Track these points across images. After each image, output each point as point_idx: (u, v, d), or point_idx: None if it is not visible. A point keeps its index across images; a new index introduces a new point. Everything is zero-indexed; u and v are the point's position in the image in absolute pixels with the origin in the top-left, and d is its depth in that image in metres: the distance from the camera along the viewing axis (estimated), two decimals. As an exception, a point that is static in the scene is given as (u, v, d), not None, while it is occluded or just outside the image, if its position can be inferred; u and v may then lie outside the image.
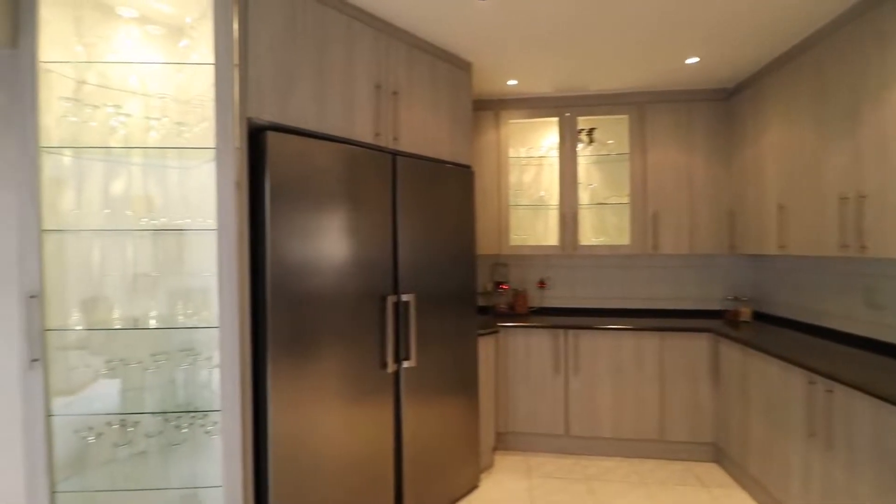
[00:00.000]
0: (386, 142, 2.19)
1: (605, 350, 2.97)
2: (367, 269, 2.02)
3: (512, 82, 3.10)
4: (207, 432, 1.78)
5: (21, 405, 1.62)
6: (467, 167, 2.61)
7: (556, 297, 3.56)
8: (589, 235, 3.45)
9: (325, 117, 1.96)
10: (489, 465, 2.84)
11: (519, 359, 3.05)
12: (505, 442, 3.09)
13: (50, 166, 1.65)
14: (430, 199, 2.30)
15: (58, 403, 1.63)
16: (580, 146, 3.34)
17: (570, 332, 3.00)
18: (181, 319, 1.86)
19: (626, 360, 2.95)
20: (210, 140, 1.72)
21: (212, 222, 1.80)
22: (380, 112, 2.17)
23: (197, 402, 1.82)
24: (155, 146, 1.83)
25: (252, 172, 1.75)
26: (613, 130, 3.43)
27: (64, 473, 1.68)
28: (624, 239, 3.33)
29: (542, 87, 3.19)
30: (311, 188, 1.84)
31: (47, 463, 1.60)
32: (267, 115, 1.76)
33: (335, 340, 1.90)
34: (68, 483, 1.67)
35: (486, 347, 2.80)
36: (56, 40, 1.68)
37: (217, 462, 1.78)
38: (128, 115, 1.86)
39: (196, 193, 1.97)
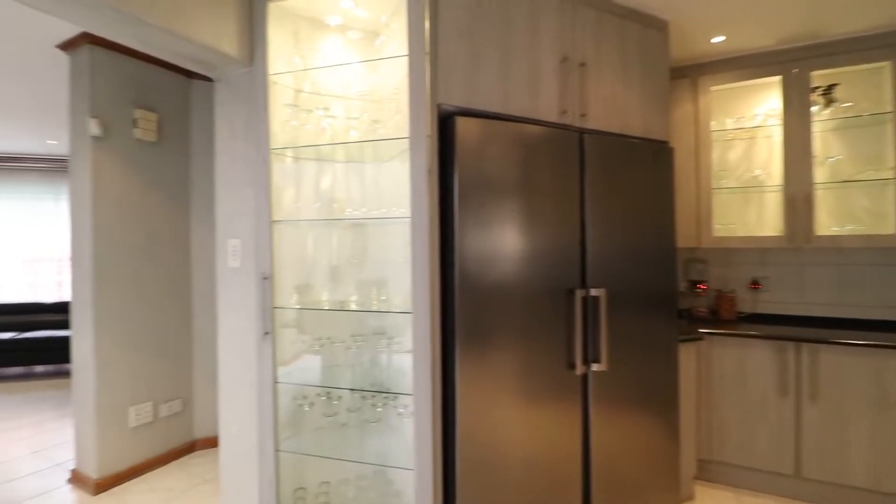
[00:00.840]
0: (572, 119, 1.99)
1: (860, 373, 2.25)
2: (553, 259, 1.85)
3: (718, 39, 2.57)
4: (399, 414, 1.84)
5: (256, 372, 1.89)
6: (664, 143, 2.24)
7: (776, 302, 2.86)
8: (828, 223, 2.68)
9: (510, 98, 1.85)
10: (689, 497, 2.40)
11: (729, 374, 2.52)
12: (708, 472, 2.59)
13: (276, 166, 1.88)
14: (622, 180, 2.02)
15: (280, 372, 1.86)
16: (814, 109, 2.61)
17: (805, 345, 2.35)
18: (375, 304, 1.96)
19: (893, 388, 2.19)
20: (403, 131, 1.76)
21: (403, 211, 1.84)
22: (566, 87, 1.97)
23: (389, 383, 1.89)
24: (355, 141, 1.96)
25: (440, 159, 1.73)
26: (864, 86, 2.60)
27: (284, 434, 1.90)
28: (886, 227, 2.49)
29: (761, 39, 2.58)
30: (495, 173, 1.75)
31: (274, 423, 1.82)
32: (455, 100, 1.73)
33: (519, 334, 1.78)
34: (286, 443, 1.89)
35: (686, 357, 2.37)
36: (279, 54, 1.91)
37: (406, 444, 1.82)
38: (333, 117, 2.03)
39: (388, 187, 2.06)
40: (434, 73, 1.68)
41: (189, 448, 2.97)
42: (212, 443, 3.05)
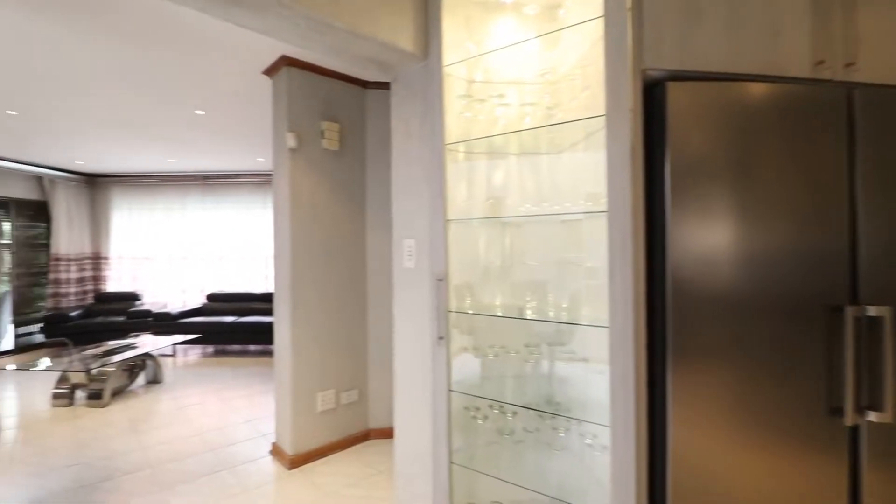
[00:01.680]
0: (833, 71, 1.45)
1: None
2: (807, 265, 1.36)
3: None
4: (589, 445, 1.57)
5: (430, 377, 1.81)
6: None
7: None
8: None
9: (739, 51, 1.42)
10: None
11: None
12: None
13: (449, 162, 1.78)
14: (918, 152, 1.40)
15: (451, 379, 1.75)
16: None
17: None
18: (552, 312, 1.72)
19: None
20: (590, 110, 1.49)
21: (589, 205, 1.57)
22: (823, 27, 1.45)
23: (573, 406, 1.63)
24: (534, 127, 1.75)
25: (645, 138, 1.41)
26: None
27: (456, 443, 1.79)
28: None
29: None
30: (720, 150, 1.35)
31: (447, 433, 1.72)
32: (665, 63, 1.38)
33: (755, 363, 1.35)
34: (459, 455, 1.78)
35: None
36: (452, 44, 1.80)
37: (594, 478, 1.54)
38: (507, 105, 1.86)
39: (567, 180, 1.81)
40: (638, 32, 1.37)
41: (364, 437, 3.16)
42: (384, 434, 3.18)
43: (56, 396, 4.04)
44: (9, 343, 6.18)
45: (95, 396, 4.02)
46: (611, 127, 1.37)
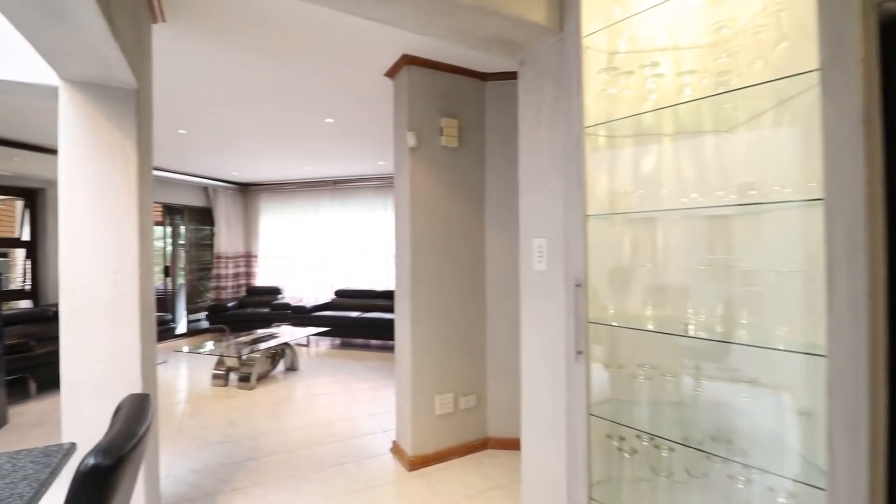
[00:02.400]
0: None
1: None
2: None
3: None
4: (786, 509, 1.20)
5: (564, 395, 1.59)
6: None
7: None
8: None
9: None
10: None
11: None
12: None
13: (588, 147, 1.54)
14: None
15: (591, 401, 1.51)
16: None
17: None
18: (719, 328, 1.38)
19: None
20: (780, 70, 1.14)
21: (776, 193, 1.21)
22: None
23: (750, 447, 1.28)
24: (693, 99, 1.42)
25: (883, 99, 1.02)
26: None
27: (596, 476, 1.54)
28: None
29: None
30: None
31: (586, 464, 1.48)
32: (921, -14, 0.98)
33: None
34: (598, 490, 1.52)
35: None
36: (591, 11, 1.56)
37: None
38: (660, 76, 1.55)
39: (741, 163, 1.44)
40: (874, -50, 0.99)
41: (482, 445, 3.02)
42: (503, 444, 3.02)
43: (215, 377, 4.64)
44: (182, 328, 7.37)
45: (244, 379, 4.53)
46: (829, 86, 1.01)
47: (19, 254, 5.30)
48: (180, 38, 2.52)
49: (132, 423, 0.99)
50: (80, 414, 1.81)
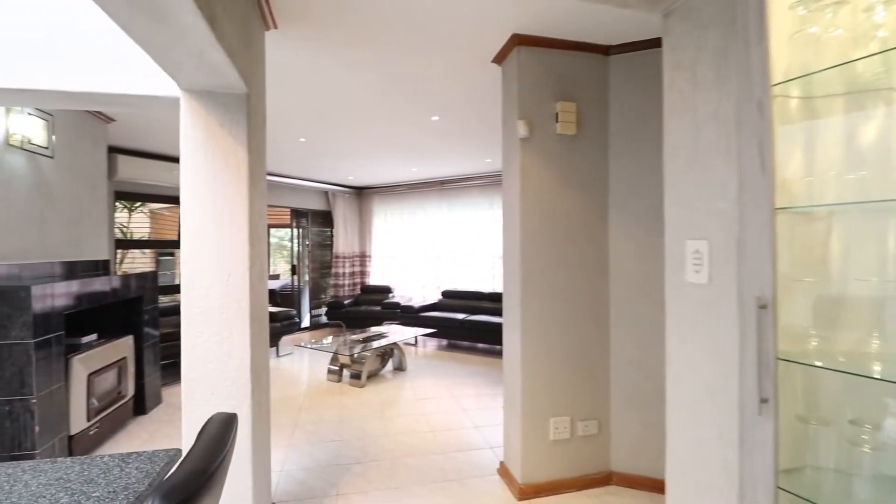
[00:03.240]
0: None
1: None
2: None
3: None
4: None
5: (737, 458, 1.17)
6: None
7: None
8: None
9: None
10: None
11: None
12: None
13: (775, 114, 1.10)
14: None
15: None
16: None
17: None
18: None
19: None
20: None
21: None
22: None
23: None
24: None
25: None
26: None
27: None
28: None
29: None
30: None
31: (772, 556, 1.06)
32: None
33: None
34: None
35: None
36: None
37: None
38: (890, 2, 1.05)
39: None
40: None
41: (604, 480, 2.61)
42: (629, 481, 2.57)
43: (330, 372, 4.84)
44: (306, 322, 7.97)
45: (356, 377, 4.64)
46: None
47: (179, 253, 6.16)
48: (292, 44, 2.55)
49: (206, 457, 0.87)
50: (196, 414, 1.86)
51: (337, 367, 4.82)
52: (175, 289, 5.98)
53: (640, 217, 2.56)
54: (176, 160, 5.62)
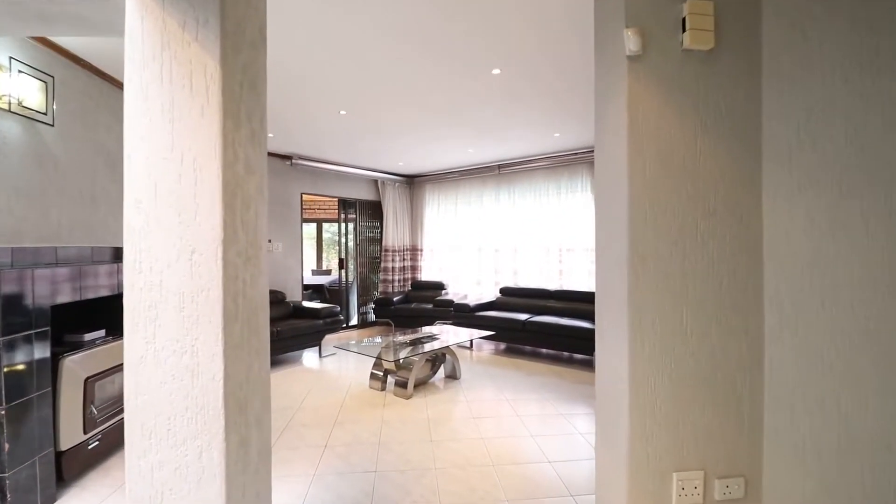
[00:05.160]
0: None
1: None
2: None
3: None
4: None
5: None
6: None
7: None
8: None
9: None
10: None
11: None
12: None
13: None
14: None
15: None
16: None
17: None
18: None
19: None
20: None
21: None
22: None
23: None
24: None
25: None
26: None
27: None
28: None
29: None
30: None
31: None
32: None
33: None
34: None
35: None
36: None
37: None
38: None
39: None
40: None
41: (759, 573, 1.73)
42: (799, 580, 1.68)
43: (373, 377, 4.23)
44: (354, 319, 7.48)
45: (401, 385, 3.98)
46: None
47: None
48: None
49: None
50: (144, 462, 1.24)
51: (381, 373, 4.20)
52: (216, 282, 5.65)
53: (815, 175, 1.66)
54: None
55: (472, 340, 5.64)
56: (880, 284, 1.51)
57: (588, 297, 5.49)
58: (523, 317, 5.52)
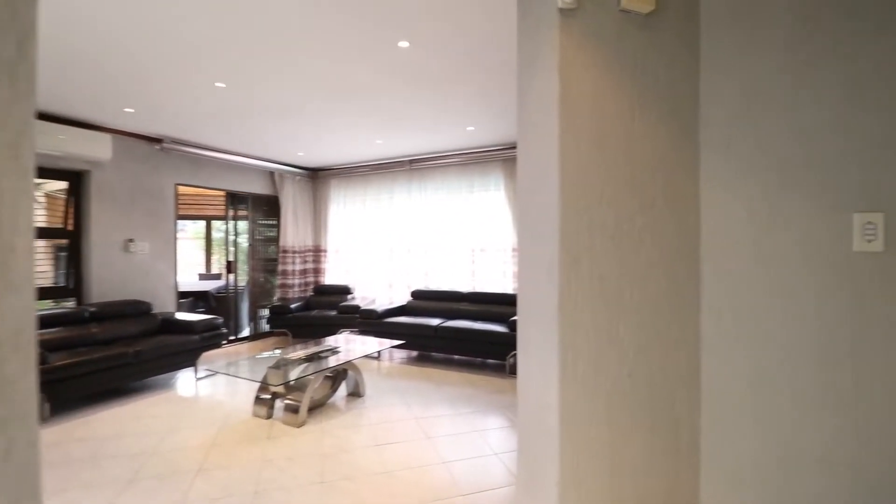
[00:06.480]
0: None
1: None
2: None
3: None
4: None
5: None
6: None
7: None
8: None
9: None
10: None
11: None
12: None
13: None
14: None
15: None
16: None
17: None
18: None
19: None
20: None
21: None
22: None
23: None
24: None
25: None
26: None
27: None
28: None
29: None
30: None
31: None
32: None
33: None
34: None
35: None
36: None
37: None
38: None
39: None
40: None
41: None
42: None
43: (257, 402, 3.56)
44: (246, 331, 6.58)
45: (293, 410, 3.38)
46: None
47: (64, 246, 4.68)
48: None
49: None
50: None
51: (268, 397, 3.54)
52: (63, 291, 4.50)
53: (754, 163, 1.46)
54: (65, 121, 4.19)
55: (378, 351, 5.13)
56: (823, 287, 1.33)
57: (501, 299, 5.29)
58: (435, 322, 5.15)
